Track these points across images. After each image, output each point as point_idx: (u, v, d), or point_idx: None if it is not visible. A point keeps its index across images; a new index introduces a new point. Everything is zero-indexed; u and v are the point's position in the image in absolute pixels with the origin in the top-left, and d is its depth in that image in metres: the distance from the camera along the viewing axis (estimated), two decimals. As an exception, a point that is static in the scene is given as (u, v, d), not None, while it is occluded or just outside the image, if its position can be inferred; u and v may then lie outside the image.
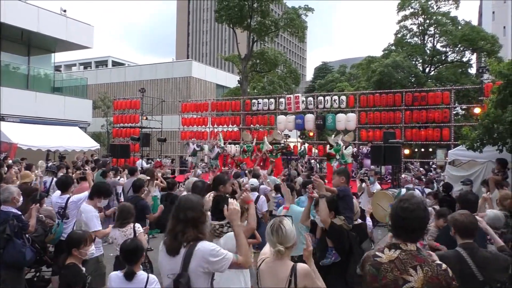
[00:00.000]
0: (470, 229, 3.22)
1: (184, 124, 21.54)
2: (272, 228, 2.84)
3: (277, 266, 2.83)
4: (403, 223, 2.38)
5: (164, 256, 2.76)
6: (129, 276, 3.34)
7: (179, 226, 2.71)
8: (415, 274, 2.29)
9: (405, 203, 2.41)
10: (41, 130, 18.62)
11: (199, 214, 2.78)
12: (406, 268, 2.30)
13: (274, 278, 2.81)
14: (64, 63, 56.31)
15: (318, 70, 62.28)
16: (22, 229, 4.82)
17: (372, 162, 13.56)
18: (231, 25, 28.74)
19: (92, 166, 12.61)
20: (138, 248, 3.47)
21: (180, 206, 2.80)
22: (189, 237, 2.69)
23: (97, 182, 5.68)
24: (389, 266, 2.34)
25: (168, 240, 2.75)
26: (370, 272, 2.40)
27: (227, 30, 75.69)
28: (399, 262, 2.33)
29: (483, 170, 9.66)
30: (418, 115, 16.20)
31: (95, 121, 28.98)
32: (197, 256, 2.65)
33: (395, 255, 2.36)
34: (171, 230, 2.76)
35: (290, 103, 18.27)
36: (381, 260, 2.39)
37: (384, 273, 2.35)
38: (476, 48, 29.35)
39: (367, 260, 2.46)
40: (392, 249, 2.39)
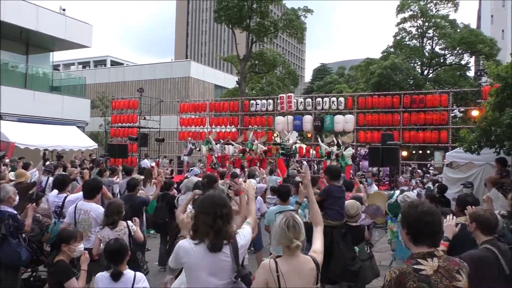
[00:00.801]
0: (494, 225, 3.19)
1: (182, 124, 21.53)
2: (288, 224, 2.75)
3: (300, 263, 2.75)
4: (428, 227, 2.28)
5: (200, 253, 2.70)
6: (116, 276, 3.31)
7: (219, 222, 2.70)
8: (461, 278, 2.23)
9: (423, 207, 2.32)
10: (39, 129, 18.55)
11: (231, 210, 2.85)
12: (453, 275, 2.22)
13: (301, 276, 2.72)
14: (63, 62, 56.24)
15: (316, 71, 62.42)
16: (18, 228, 4.79)
17: (370, 164, 13.60)
18: (230, 25, 28.73)
19: (90, 165, 12.59)
20: (122, 248, 3.45)
21: (215, 202, 2.78)
22: (231, 233, 2.76)
23: (87, 181, 5.64)
24: (437, 277, 2.21)
25: (212, 236, 2.68)
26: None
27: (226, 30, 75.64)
28: (444, 270, 2.23)
29: (480, 173, 9.67)
30: (416, 117, 16.23)
31: (93, 120, 28.94)
32: (243, 249, 2.82)
33: (436, 264, 2.24)
34: (211, 225, 2.69)
35: (283, 102, 18.38)
36: (426, 272, 2.22)
37: (436, 285, 2.19)
38: (474, 51, 29.41)
39: (407, 278, 2.22)
40: (428, 258, 2.27)
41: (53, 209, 5.75)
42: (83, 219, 4.95)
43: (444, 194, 8.45)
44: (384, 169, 14.55)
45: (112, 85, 39.23)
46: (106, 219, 4.63)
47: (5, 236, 4.52)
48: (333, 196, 4.78)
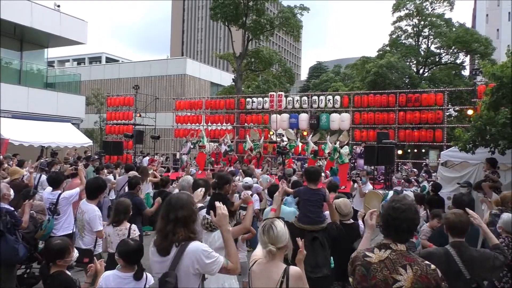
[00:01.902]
0: (460, 227, 3.28)
1: (178, 121, 21.47)
2: (264, 229, 2.84)
3: (270, 267, 2.81)
4: (394, 223, 2.41)
5: (155, 256, 2.72)
6: (139, 276, 3.29)
7: (170, 225, 2.67)
8: (404, 273, 2.31)
9: (396, 203, 2.45)
10: (33, 126, 18.46)
11: (190, 213, 2.73)
12: (396, 268, 2.33)
13: (266, 279, 2.79)
14: (58, 59, 55.91)
15: (312, 69, 62.44)
16: (15, 225, 4.80)
17: (365, 163, 13.62)
18: (226, 23, 28.67)
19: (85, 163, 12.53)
20: (140, 248, 3.44)
21: (170, 205, 2.75)
22: (180, 237, 2.65)
23: (89, 180, 5.62)
24: (379, 266, 2.36)
25: (159, 239, 2.70)
26: (360, 271, 2.42)
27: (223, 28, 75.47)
28: (389, 262, 2.35)
29: (475, 172, 9.72)
30: (411, 116, 16.28)
31: (88, 117, 28.83)
32: (189, 256, 2.61)
33: (385, 255, 2.39)
34: (161, 229, 2.71)
35: (273, 101, 18.49)
36: (371, 260, 2.40)
37: (373, 272, 2.36)
38: (469, 50, 29.54)
39: (356, 260, 2.47)
40: (383, 249, 2.42)
41: (48, 206, 5.73)
42: (79, 219, 4.97)
43: (438, 192, 8.50)
44: (380, 167, 14.57)
45: (107, 82, 39.08)
46: (113, 217, 4.64)
47: (3, 232, 4.52)
48: (302, 198, 4.72)
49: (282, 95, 18.87)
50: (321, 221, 4.53)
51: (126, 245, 3.47)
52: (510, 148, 7.62)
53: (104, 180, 5.60)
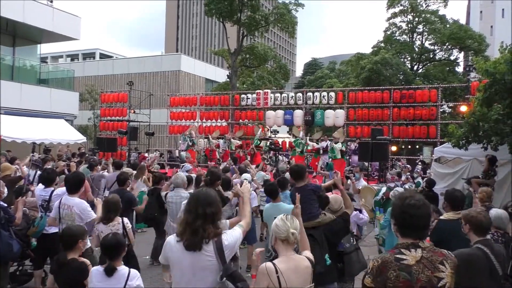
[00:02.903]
0: (486, 226, 3.29)
1: (173, 118, 21.40)
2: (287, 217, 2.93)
3: (296, 262, 2.85)
4: (412, 220, 2.30)
5: (179, 251, 2.72)
6: (110, 272, 3.29)
7: (199, 221, 2.68)
8: (445, 269, 2.27)
9: (411, 200, 2.34)
10: (26, 122, 18.31)
11: (217, 210, 2.79)
12: (436, 266, 2.25)
13: (299, 274, 2.81)
14: (51, 55, 55.48)
15: (307, 66, 62.46)
16: (9, 221, 4.78)
17: (359, 159, 13.67)
18: (221, 19, 28.57)
19: (79, 159, 12.46)
20: (119, 243, 3.42)
21: (199, 201, 2.77)
22: (210, 234, 2.68)
23: (67, 176, 5.56)
24: (419, 267, 2.24)
25: (188, 235, 2.69)
26: (401, 277, 2.23)
27: (217, 24, 75.18)
28: (426, 261, 2.26)
29: (468, 168, 9.78)
30: (405, 112, 16.32)
31: (82, 114, 28.64)
32: (229, 249, 2.74)
33: (419, 254, 2.27)
34: (189, 224, 2.71)
35: (259, 98, 18.67)
36: (408, 262, 2.25)
37: (416, 275, 2.23)
38: (463, 46, 29.66)
39: (389, 266, 2.27)
40: (412, 248, 2.30)
41: (40, 203, 5.68)
42: (67, 214, 4.88)
43: (432, 188, 8.54)
44: (374, 164, 14.62)
45: (101, 78, 38.84)
46: (104, 214, 4.62)
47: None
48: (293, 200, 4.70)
49: (268, 92, 19.03)
50: (314, 216, 4.41)
51: (106, 239, 3.51)
52: (502, 144, 7.66)
53: (83, 174, 5.55)
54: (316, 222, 4.33)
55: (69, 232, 3.71)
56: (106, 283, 3.27)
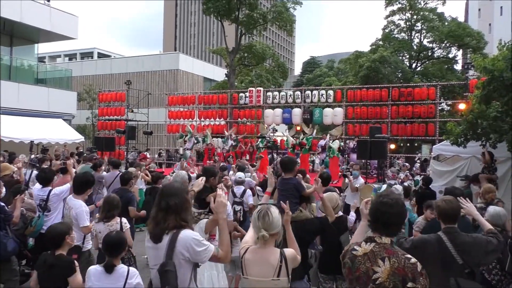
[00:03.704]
0: (451, 214, 3.29)
1: (171, 117, 21.37)
2: (259, 214, 2.86)
3: (264, 253, 2.84)
4: (381, 217, 2.45)
5: (149, 242, 2.74)
6: (109, 269, 3.27)
7: (161, 213, 2.69)
8: (382, 265, 2.36)
9: (384, 198, 2.49)
10: (24, 122, 18.27)
11: (182, 200, 2.73)
12: (376, 260, 2.38)
13: (262, 266, 2.81)
14: (49, 54, 55.38)
15: (306, 64, 62.40)
16: (5, 220, 4.76)
17: (358, 157, 13.64)
18: (219, 17, 28.51)
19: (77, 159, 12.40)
20: (121, 241, 3.43)
21: (162, 193, 2.78)
22: (170, 224, 2.65)
23: (77, 175, 5.56)
24: (363, 259, 2.42)
25: (151, 226, 2.73)
26: (347, 265, 2.48)
27: (215, 23, 75.02)
28: (372, 254, 2.40)
29: (466, 165, 9.77)
30: (404, 110, 16.32)
31: (80, 113, 28.61)
32: (180, 244, 2.60)
33: (369, 248, 2.43)
34: (153, 217, 2.74)
35: (252, 96, 18.70)
36: (356, 253, 2.46)
37: (357, 265, 2.42)
38: (462, 44, 29.60)
39: (346, 254, 2.53)
40: (368, 242, 2.47)
41: (38, 203, 5.65)
42: (66, 215, 4.92)
43: (430, 186, 8.54)
44: (373, 162, 14.61)
45: (99, 77, 38.79)
46: (102, 214, 4.62)
47: None
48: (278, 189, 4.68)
49: (260, 90, 19.05)
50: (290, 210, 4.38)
51: (108, 236, 3.51)
52: (501, 141, 7.65)
53: (92, 176, 5.52)
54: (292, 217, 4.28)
55: (54, 231, 3.64)
56: (105, 282, 3.25)
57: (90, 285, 3.28)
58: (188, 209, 2.81)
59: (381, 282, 2.32)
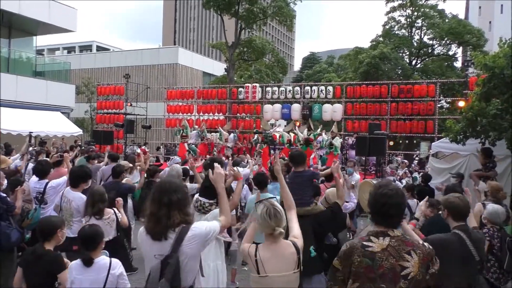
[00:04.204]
0: (464, 211, 3.29)
1: (170, 111, 21.30)
2: (269, 213, 2.81)
3: (280, 248, 2.82)
4: (383, 209, 2.39)
5: (147, 241, 2.67)
6: (87, 262, 3.24)
7: (163, 209, 2.63)
8: (411, 259, 2.31)
9: (384, 189, 2.42)
10: (22, 115, 18.20)
11: (183, 195, 2.72)
12: (401, 255, 2.31)
13: (282, 260, 2.79)
14: (47, 47, 55.03)
15: (306, 60, 62.25)
16: (8, 210, 4.77)
17: (357, 153, 13.61)
18: (218, 11, 28.37)
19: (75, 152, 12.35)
20: (97, 234, 3.37)
21: (162, 188, 2.71)
22: (176, 221, 2.62)
23: (73, 168, 5.53)
24: (383, 255, 2.32)
25: (152, 224, 2.65)
26: (364, 263, 2.34)
27: (215, 17, 74.71)
28: (392, 250, 2.33)
29: (465, 163, 9.76)
30: (403, 107, 16.30)
31: (78, 106, 28.51)
32: (194, 239, 2.61)
33: (386, 242, 2.35)
34: (153, 214, 2.65)
35: (248, 92, 18.79)
36: (373, 249, 2.34)
37: (379, 262, 2.31)
38: (462, 41, 29.56)
39: (354, 252, 2.38)
40: (381, 237, 2.37)
41: (34, 195, 5.64)
42: (66, 208, 4.89)
43: (428, 183, 8.53)
44: (371, 158, 14.60)
45: (97, 70, 38.61)
46: (91, 208, 4.57)
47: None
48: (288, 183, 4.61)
49: (256, 86, 19.04)
50: (306, 203, 4.29)
51: (83, 230, 3.46)
52: (500, 139, 7.63)
53: (89, 169, 5.49)
54: (305, 210, 4.22)
55: (48, 222, 3.60)
56: (86, 274, 3.22)
57: (72, 279, 3.25)
58: (189, 203, 2.82)
59: (413, 277, 2.29)
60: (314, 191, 4.54)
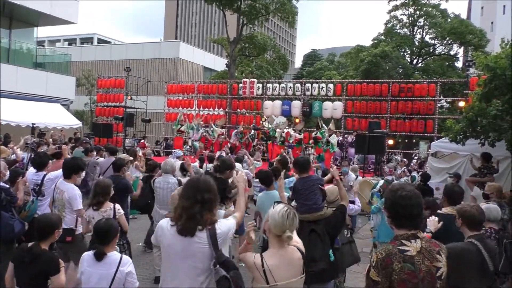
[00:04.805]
0: (479, 220, 3.26)
1: (170, 105, 21.28)
2: (288, 215, 2.76)
3: (287, 254, 2.78)
4: (405, 211, 2.34)
5: (172, 235, 2.68)
6: (99, 256, 3.23)
7: (197, 207, 2.66)
8: (441, 259, 2.32)
9: (402, 191, 2.38)
10: (21, 106, 18.16)
11: (215, 197, 2.77)
12: (434, 256, 2.31)
13: (290, 267, 2.75)
14: (48, 38, 54.88)
15: (307, 57, 62.10)
16: (11, 202, 4.76)
17: (356, 151, 13.63)
18: (221, 7, 28.25)
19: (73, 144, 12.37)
20: (111, 228, 3.37)
21: (198, 186, 2.73)
22: (207, 221, 2.67)
23: (65, 160, 5.50)
24: (420, 257, 2.28)
25: (184, 219, 2.66)
26: (406, 269, 2.24)
27: (217, 12, 74.48)
28: (426, 252, 2.31)
29: (464, 163, 9.76)
30: (403, 106, 16.28)
31: (78, 99, 28.44)
32: (221, 237, 2.69)
33: (419, 245, 2.31)
34: (186, 209, 2.66)
35: (246, 87, 18.73)
36: (411, 253, 2.28)
37: (418, 265, 2.26)
38: (464, 41, 29.49)
39: (393, 258, 2.27)
40: (412, 239, 2.33)
41: (32, 187, 5.61)
42: (58, 199, 4.87)
43: (427, 182, 8.53)
44: (370, 157, 14.61)
45: (98, 63, 38.53)
46: (92, 199, 4.56)
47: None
48: (297, 189, 4.53)
49: (254, 81, 19.04)
50: (318, 209, 4.29)
51: (98, 223, 3.46)
52: (500, 140, 7.63)
53: (82, 161, 5.46)
54: (319, 215, 4.23)
55: (47, 221, 3.50)
56: (97, 267, 3.22)
57: (82, 270, 3.26)
58: (217, 205, 2.88)
59: (445, 276, 2.31)
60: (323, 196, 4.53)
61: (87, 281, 3.22)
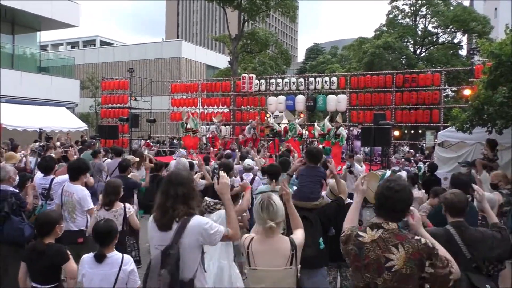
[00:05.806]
0: (459, 207, 3.26)
1: (174, 105, 21.30)
2: (262, 205, 2.82)
3: (274, 243, 2.81)
4: (387, 202, 2.42)
5: (155, 232, 2.77)
6: (99, 258, 3.27)
7: (169, 201, 2.72)
8: (396, 252, 2.33)
9: (391, 183, 2.46)
10: (27, 111, 18.28)
11: (189, 190, 2.78)
12: (388, 247, 2.35)
13: (273, 255, 2.79)
14: (51, 42, 55.14)
15: (309, 51, 61.96)
16: (21, 206, 4.82)
17: (362, 144, 13.58)
18: (221, 4, 28.20)
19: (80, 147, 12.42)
20: (111, 230, 3.38)
21: (170, 181, 2.79)
22: (180, 213, 2.69)
23: (70, 162, 5.53)
24: (372, 246, 2.38)
25: (159, 215, 2.74)
26: (352, 251, 2.44)
27: (218, 9, 74.32)
28: (381, 241, 2.37)
29: (472, 152, 9.70)
30: (408, 97, 16.18)
31: (83, 101, 28.58)
32: (192, 230, 2.67)
33: (377, 234, 2.40)
34: (161, 205, 2.75)
35: (244, 82, 18.72)
36: (363, 239, 2.42)
37: (366, 252, 2.38)
38: (467, 29, 29.19)
39: (349, 240, 2.48)
40: (375, 228, 2.43)
41: (40, 191, 5.65)
42: (68, 201, 4.88)
43: (435, 172, 8.48)
44: (377, 149, 14.54)
45: (101, 65, 38.67)
46: (103, 199, 4.61)
47: (8, 214, 4.55)
48: (300, 175, 4.63)
49: (253, 77, 19.06)
50: (314, 198, 4.40)
51: (98, 225, 3.48)
52: (507, 127, 7.56)
53: (86, 162, 5.49)
54: (314, 204, 4.36)
55: (46, 218, 3.60)
56: (98, 269, 3.25)
57: (83, 272, 3.29)
58: (195, 198, 2.85)
59: (397, 270, 2.31)
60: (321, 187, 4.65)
61: (89, 283, 3.26)
